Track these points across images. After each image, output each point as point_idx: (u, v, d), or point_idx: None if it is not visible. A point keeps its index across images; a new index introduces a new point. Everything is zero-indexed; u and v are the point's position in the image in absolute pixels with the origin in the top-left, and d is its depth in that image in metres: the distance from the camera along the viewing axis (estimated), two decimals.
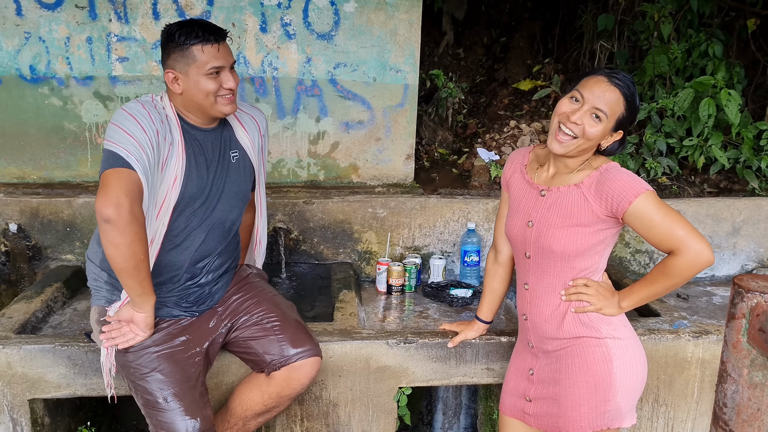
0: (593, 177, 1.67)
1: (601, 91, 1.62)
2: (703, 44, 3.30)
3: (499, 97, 3.77)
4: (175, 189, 1.87)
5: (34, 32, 2.77)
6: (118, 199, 1.66)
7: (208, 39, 1.85)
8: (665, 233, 1.60)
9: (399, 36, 2.92)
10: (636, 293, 1.72)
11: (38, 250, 2.78)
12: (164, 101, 1.92)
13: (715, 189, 3.20)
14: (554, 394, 1.76)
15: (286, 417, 2.25)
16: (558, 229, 1.70)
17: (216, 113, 1.92)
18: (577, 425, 1.71)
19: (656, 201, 1.61)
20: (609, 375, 1.69)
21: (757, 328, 0.95)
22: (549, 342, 1.78)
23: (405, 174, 3.10)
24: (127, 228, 1.67)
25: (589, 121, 1.63)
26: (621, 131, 1.68)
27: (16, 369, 2.09)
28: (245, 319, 2.06)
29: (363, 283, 2.92)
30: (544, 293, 1.77)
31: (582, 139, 1.64)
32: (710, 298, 2.85)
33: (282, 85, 2.94)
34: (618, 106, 1.64)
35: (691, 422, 2.41)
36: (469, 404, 2.99)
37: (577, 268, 1.72)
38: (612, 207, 1.63)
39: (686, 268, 1.60)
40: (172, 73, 1.88)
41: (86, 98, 2.86)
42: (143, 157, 1.73)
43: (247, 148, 2.07)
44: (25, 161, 2.91)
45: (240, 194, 2.06)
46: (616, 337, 1.72)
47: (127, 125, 1.76)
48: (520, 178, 1.84)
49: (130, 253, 1.71)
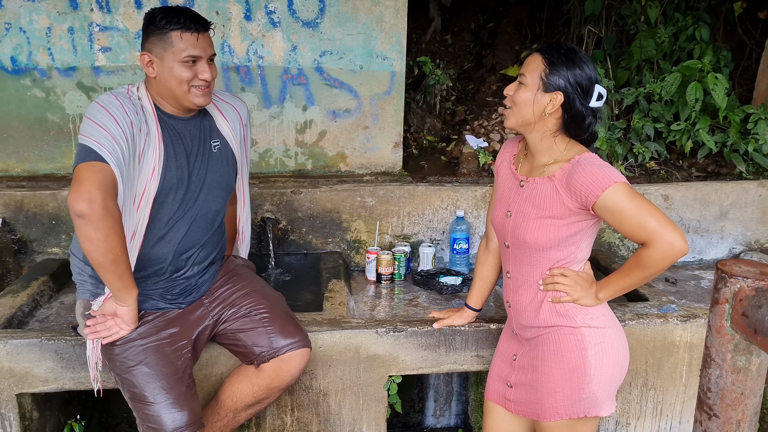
0: (565, 169, 1.65)
1: (525, 62, 1.70)
2: (690, 28, 3.30)
3: (487, 84, 3.76)
4: (153, 180, 1.85)
5: (15, 23, 2.73)
6: (90, 193, 1.64)
7: (188, 27, 1.83)
8: (636, 225, 1.58)
9: (385, 23, 2.90)
10: (612, 285, 1.71)
11: (24, 243, 2.75)
12: (140, 91, 1.90)
13: (702, 173, 3.20)
14: (532, 380, 1.77)
15: (276, 407, 2.25)
16: (532, 220, 1.69)
17: (188, 103, 1.90)
18: (554, 412, 1.72)
19: (627, 192, 1.58)
20: (583, 363, 1.69)
21: (741, 312, 0.95)
22: (528, 330, 1.79)
23: (393, 162, 3.09)
24: (101, 222, 1.65)
25: (516, 89, 1.69)
26: (559, 92, 1.62)
27: (3, 364, 2.07)
28: (233, 311, 2.05)
29: (352, 272, 2.91)
30: (524, 282, 1.77)
31: (514, 108, 1.68)
32: (698, 282, 2.87)
33: (268, 73, 2.91)
34: (536, 65, 1.65)
35: (680, 405, 2.43)
36: (461, 391, 3.00)
37: (553, 259, 1.72)
38: (581, 200, 1.61)
39: (659, 260, 1.59)
40: (148, 56, 1.86)
41: (69, 89, 2.82)
42: (117, 150, 1.71)
43: (228, 138, 2.05)
44: (9, 154, 2.88)
45: (223, 184, 2.04)
46: (592, 326, 1.72)
47: (100, 118, 1.74)
48: (507, 167, 1.85)
49: (106, 248, 1.69)
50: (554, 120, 1.67)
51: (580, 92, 1.63)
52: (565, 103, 1.64)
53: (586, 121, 1.67)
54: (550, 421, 1.73)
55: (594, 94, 1.65)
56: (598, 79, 1.66)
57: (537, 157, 1.73)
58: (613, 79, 3.34)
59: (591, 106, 1.66)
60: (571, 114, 1.65)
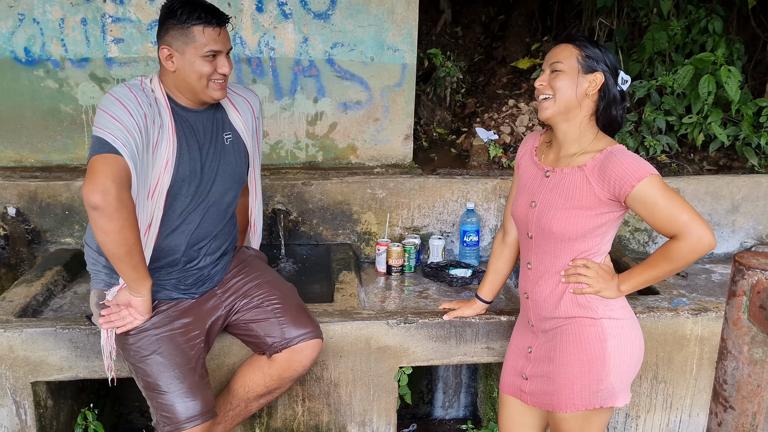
0: (597, 159, 1.66)
1: (551, 53, 1.73)
2: (702, 20, 3.28)
3: (498, 76, 3.75)
4: (167, 173, 1.85)
5: (28, 14, 2.74)
6: (105, 185, 1.64)
7: (210, 21, 1.83)
8: (668, 218, 1.60)
9: (396, 15, 2.89)
10: (636, 277, 1.72)
11: (37, 233, 2.77)
12: (153, 83, 1.90)
13: (714, 166, 3.19)
14: (549, 372, 1.77)
15: (287, 397, 2.27)
16: (559, 210, 1.69)
17: (206, 97, 1.90)
18: (570, 403, 1.73)
19: (660, 185, 1.60)
20: (603, 354, 1.70)
21: (758, 305, 0.95)
22: (547, 321, 1.79)
23: (403, 154, 3.09)
24: (115, 214, 1.66)
25: (552, 77, 1.70)
26: (599, 72, 1.67)
27: (18, 352, 2.10)
28: (246, 301, 2.06)
29: (363, 264, 2.92)
30: (545, 273, 1.77)
31: (557, 93, 1.68)
32: (709, 275, 2.86)
33: (279, 65, 2.92)
34: (569, 52, 1.68)
35: (690, 398, 2.43)
36: (470, 383, 3.01)
37: (578, 250, 1.72)
38: (614, 190, 1.62)
39: (688, 253, 1.61)
40: (168, 49, 1.85)
41: (82, 80, 2.84)
42: (131, 142, 1.71)
43: (240, 131, 2.05)
44: (22, 144, 2.90)
45: (235, 176, 2.05)
46: (612, 317, 1.72)
47: (114, 110, 1.74)
48: (529, 159, 1.85)
49: (120, 239, 1.70)
50: (591, 103, 1.70)
51: (614, 73, 1.69)
52: (603, 85, 1.68)
53: (620, 104, 1.71)
54: (566, 412, 1.74)
55: (620, 78, 1.70)
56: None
57: (565, 147, 1.74)
58: (624, 71, 3.32)
59: (620, 88, 1.70)
60: (608, 96, 1.69)
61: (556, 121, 1.73)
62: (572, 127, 1.71)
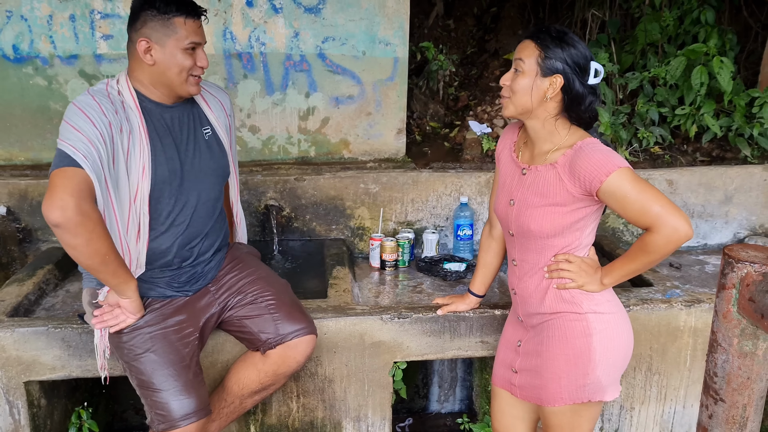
0: (567, 156, 1.64)
1: (517, 49, 1.68)
2: (695, 11, 3.27)
3: (491, 69, 3.74)
4: (145, 178, 1.82)
5: (16, 11, 2.71)
6: (63, 200, 1.59)
7: (191, 12, 1.81)
8: (640, 210, 1.57)
9: (388, 8, 2.88)
10: (617, 270, 1.71)
11: (28, 232, 2.76)
12: (121, 83, 1.85)
13: (707, 157, 3.19)
14: (536, 366, 1.77)
15: (282, 394, 2.26)
16: (535, 208, 1.69)
17: (182, 92, 1.87)
18: (558, 397, 1.73)
19: (630, 177, 1.57)
20: (588, 349, 1.70)
21: (747, 297, 0.95)
22: (534, 316, 1.79)
23: (396, 148, 3.08)
24: (78, 228, 1.62)
25: (513, 76, 1.67)
26: (558, 75, 1.62)
27: (10, 352, 2.09)
28: (239, 298, 2.06)
29: (356, 259, 2.91)
30: (529, 269, 1.77)
31: (513, 97, 1.66)
32: (702, 266, 2.87)
33: (270, 60, 2.90)
34: (530, 51, 1.64)
35: (684, 389, 2.44)
36: (465, 377, 3.01)
37: (558, 246, 1.72)
38: (585, 186, 1.61)
39: (664, 244, 1.59)
40: (147, 42, 1.80)
41: (71, 77, 2.82)
42: (92, 153, 1.67)
43: (215, 127, 2.04)
44: (12, 143, 2.88)
45: (219, 170, 2.03)
46: (597, 312, 1.72)
47: (76, 120, 1.70)
48: (508, 155, 1.84)
49: (90, 252, 1.67)
50: (554, 103, 1.66)
51: (579, 72, 1.63)
52: (564, 86, 1.63)
53: (586, 101, 1.66)
54: (554, 406, 1.74)
55: (591, 72, 1.64)
56: (592, 56, 1.66)
57: (538, 144, 1.72)
58: (617, 63, 3.31)
59: (590, 83, 1.65)
60: (571, 96, 1.64)
61: (522, 118, 1.71)
62: (540, 124, 1.69)
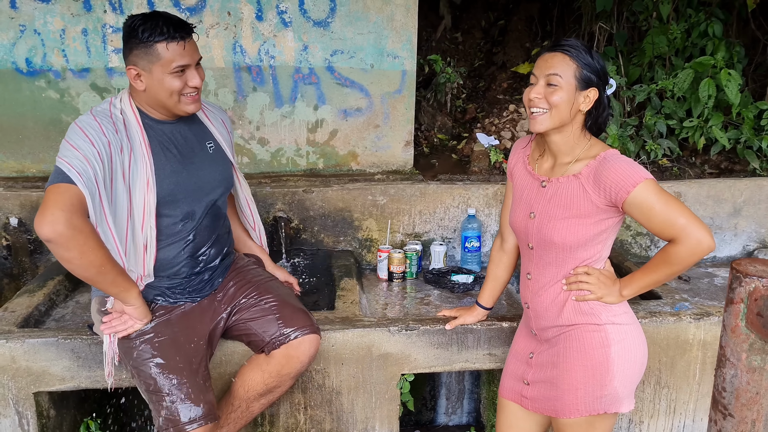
0: (591, 167, 1.66)
1: (545, 63, 1.66)
2: (702, 24, 3.28)
3: (498, 81, 3.75)
4: (150, 192, 1.85)
5: (29, 25, 2.75)
6: (53, 215, 1.62)
7: (173, 36, 1.79)
8: (666, 222, 1.59)
9: (396, 21, 2.90)
10: (637, 281, 1.71)
11: (39, 243, 2.78)
12: (123, 102, 1.88)
13: (715, 170, 3.18)
14: (552, 377, 1.77)
15: (289, 405, 2.27)
16: (559, 220, 1.69)
17: (179, 112, 1.89)
18: (574, 409, 1.72)
19: (656, 189, 1.59)
20: (606, 360, 1.70)
21: (756, 312, 0.95)
22: (549, 330, 1.79)
23: (404, 160, 3.10)
24: (70, 242, 1.64)
25: (548, 91, 1.65)
26: (593, 88, 1.65)
27: (20, 363, 2.10)
28: (244, 302, 2.08)
29: (364, 271, 2.92)
30: (547, 283, 1.77)
31: (552, 109, 1.64)
32: (712, 279, 2.85)
33: (279, 73, 2.92)
34: (566, 65, 1.63)
35: (693, 403, 2.42)
36: (472, 389, 3.00)
37: (580, 258, 1.72)
38: (611, 197, 1.62)
39: (687, 256, 1.60)
40: (135, 69, 1.82)
41: (83, 90, 2.85)
42: (88, 170, 1.69)
43: (219, 141, 2.08)
44: (24, 155, 2.91)
45: (224, 181, 2.07)
46: (615, 323, 1.72)
47: (75, 139, 1.73)
48: (522, 168, 1.84)
49: (85, 264, 1.69)
50: (582, 116, 1.69)
51: (605, 82, 1.67)
52: (597, 98, 1.66)
53: (606, 112, 1.70)
54: (569, 417, 1.73)
55: (608, 87, 1.70)
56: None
57: (560, 157, 1.73)
58: (624, 75, 3.32)
59: (608, 95, 1.69)
60: (600, 108, 1.67)
61: (552, 132, 1.71)
62: (565, 137, 1.70)
